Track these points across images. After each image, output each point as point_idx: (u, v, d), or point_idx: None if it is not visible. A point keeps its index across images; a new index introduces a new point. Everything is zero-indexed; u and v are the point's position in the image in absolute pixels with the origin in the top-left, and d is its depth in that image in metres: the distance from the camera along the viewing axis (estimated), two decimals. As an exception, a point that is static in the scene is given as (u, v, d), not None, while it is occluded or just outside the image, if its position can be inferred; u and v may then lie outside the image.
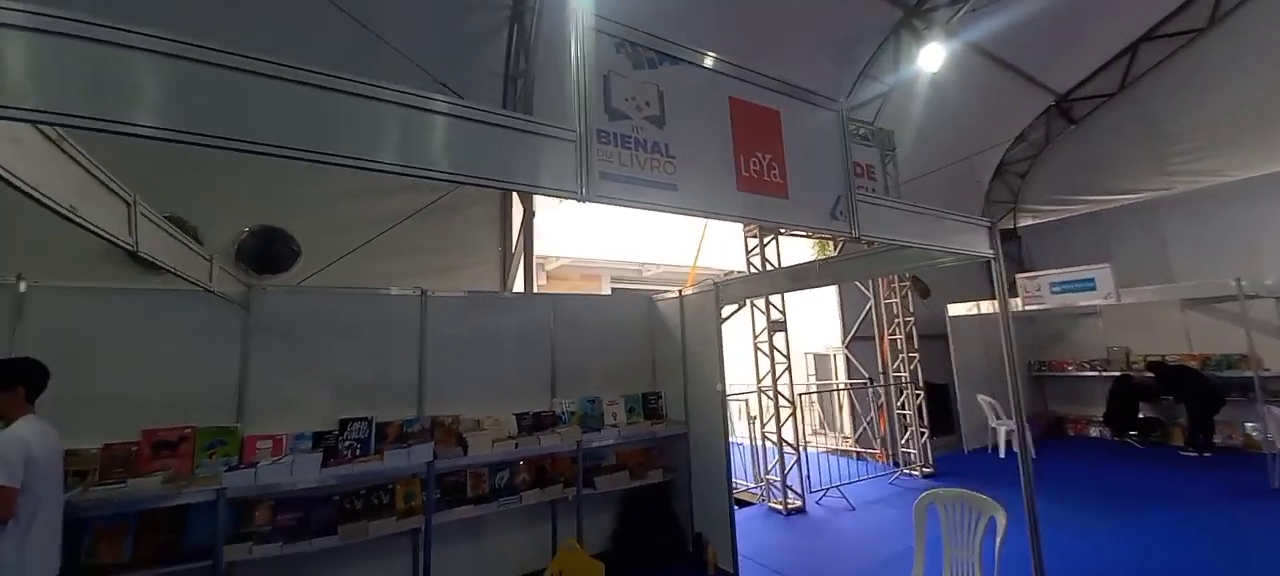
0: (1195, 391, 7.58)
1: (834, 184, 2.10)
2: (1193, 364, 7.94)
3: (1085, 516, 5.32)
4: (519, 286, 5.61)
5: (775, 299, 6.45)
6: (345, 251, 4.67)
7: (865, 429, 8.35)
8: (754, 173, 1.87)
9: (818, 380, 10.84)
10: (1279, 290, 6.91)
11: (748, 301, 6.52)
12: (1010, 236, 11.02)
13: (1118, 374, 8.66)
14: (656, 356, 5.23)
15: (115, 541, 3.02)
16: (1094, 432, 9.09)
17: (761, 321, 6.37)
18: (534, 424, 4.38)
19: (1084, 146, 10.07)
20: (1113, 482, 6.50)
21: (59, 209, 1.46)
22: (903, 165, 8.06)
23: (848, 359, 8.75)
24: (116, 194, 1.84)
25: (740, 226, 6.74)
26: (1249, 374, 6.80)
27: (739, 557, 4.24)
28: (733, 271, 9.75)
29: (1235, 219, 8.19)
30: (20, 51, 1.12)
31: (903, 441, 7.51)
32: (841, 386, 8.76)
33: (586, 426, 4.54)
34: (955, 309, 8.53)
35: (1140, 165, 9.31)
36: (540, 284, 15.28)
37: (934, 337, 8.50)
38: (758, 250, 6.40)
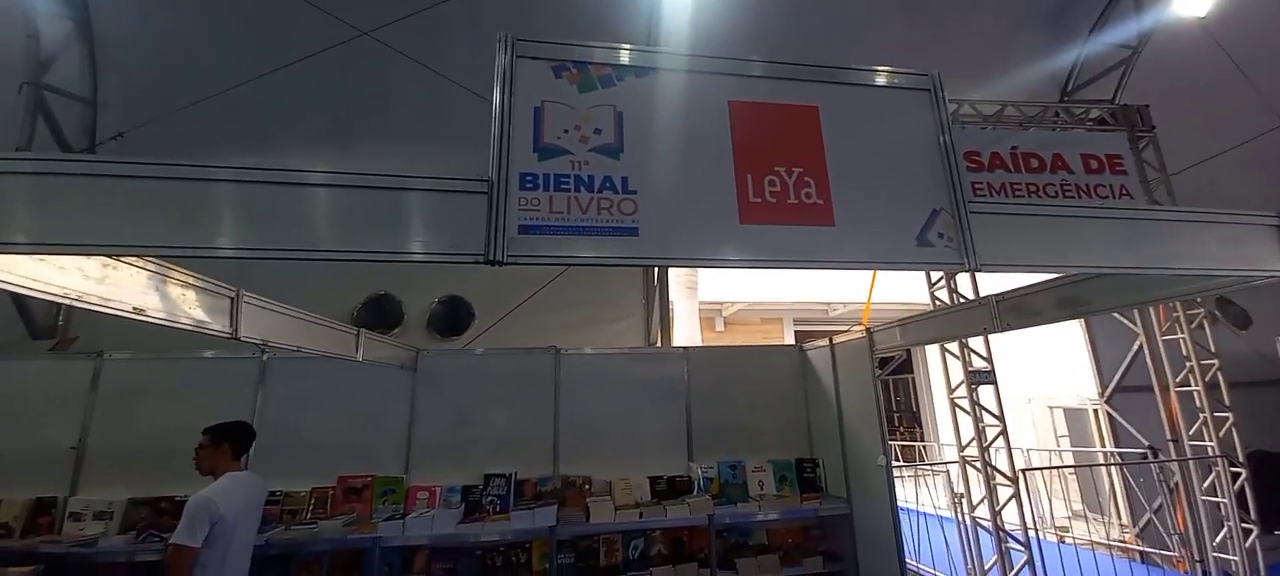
0: None
1: (925, 193, 1.46)
2: None
3: None
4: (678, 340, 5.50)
5: (978, 341, 5.12)
6: (503, 313, 5.13)
7: (1151, 520, 5.98)
8: (771, 197, 1.37)
9: (1073, 445, 8.35)
10: None
11: (942, 348, 5.34)
12: None
13: None
14: (812, 415, 4.53)
15: (313, 575, 3.63)
16: None
17: (957, 372, 5.10)
18: (668, 489, 4.11)
19: None
20: None
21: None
22: (1182, 147, 5.94)
23: (1112, 418, 6.50)
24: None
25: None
26: None
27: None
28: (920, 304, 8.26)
29: None
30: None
31: (1215, 541, 5.16)
32: (1103, 460, 6.53)
33: (726, 495, 4.08)
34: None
35: None
36: (717, 332, 15.12)
37: (1261, 385, 5.84)
38: (944, 283, 5.22)
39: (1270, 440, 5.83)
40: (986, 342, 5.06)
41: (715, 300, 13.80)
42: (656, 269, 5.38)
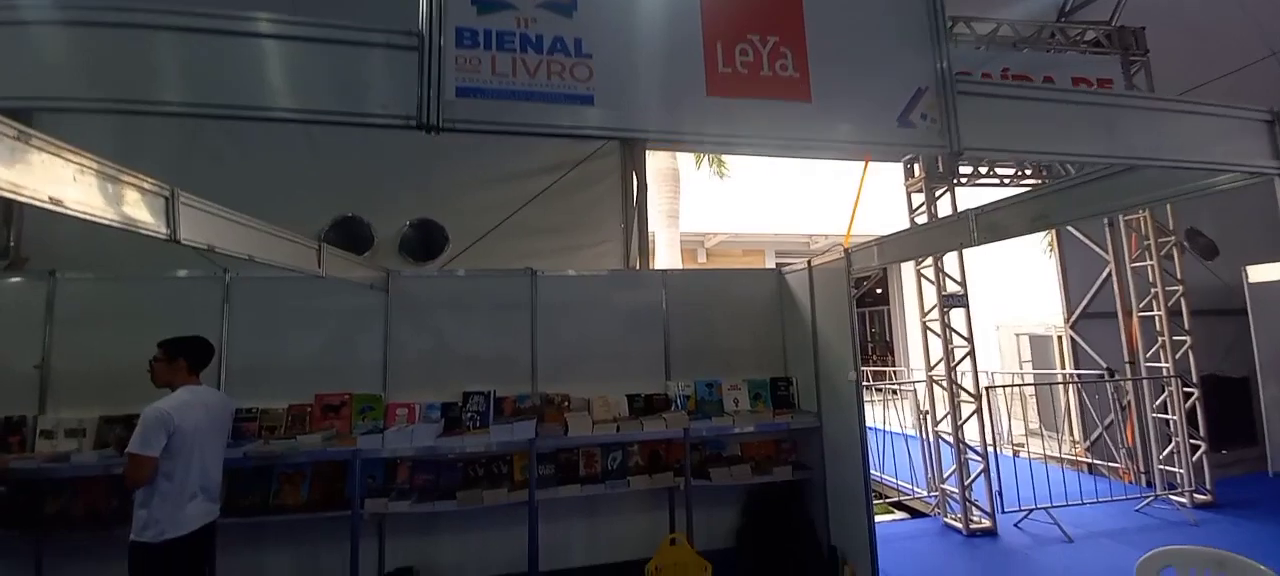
0: None
1: (910, 69, 1.34)
2: None
3: None
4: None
5: (954, 267, 5.19)
6: (478, 237, 5.01)
7: (1103, 435, 6.35)
8: (743, 67, 1.25)
9: (1035, 369, 8.71)
10: None
11: (917, 271, 5.39)
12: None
13: None
14: (787, 337, 4.59)
15: (295, 486, 3.68)
16: None
17: (931, 296, 5.19)
18: (646, 407, 4.19)
19: None
20: None
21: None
22: (1172, 74, 5.85)
23: (1074, 343, 6.74)
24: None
25: (901, 177, 5.57)
26: None
27: (880, 579, 3.50)
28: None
29: None
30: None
31: (1161, 456, 5.51)
32: (1063, 378, 6.83)
33: (703, 412, 4.19)
34: (1259, 272, 5.91)
35: None
36: (699, 264, 15.13)
37: (1222, 314, 6.07)
38: (925, 208, 5.20)
39: (1224, 366, 6.13)
40: (961, 267, 5.12)
41: (697, 232, 13.75)
42: (635, 191, 5.25)
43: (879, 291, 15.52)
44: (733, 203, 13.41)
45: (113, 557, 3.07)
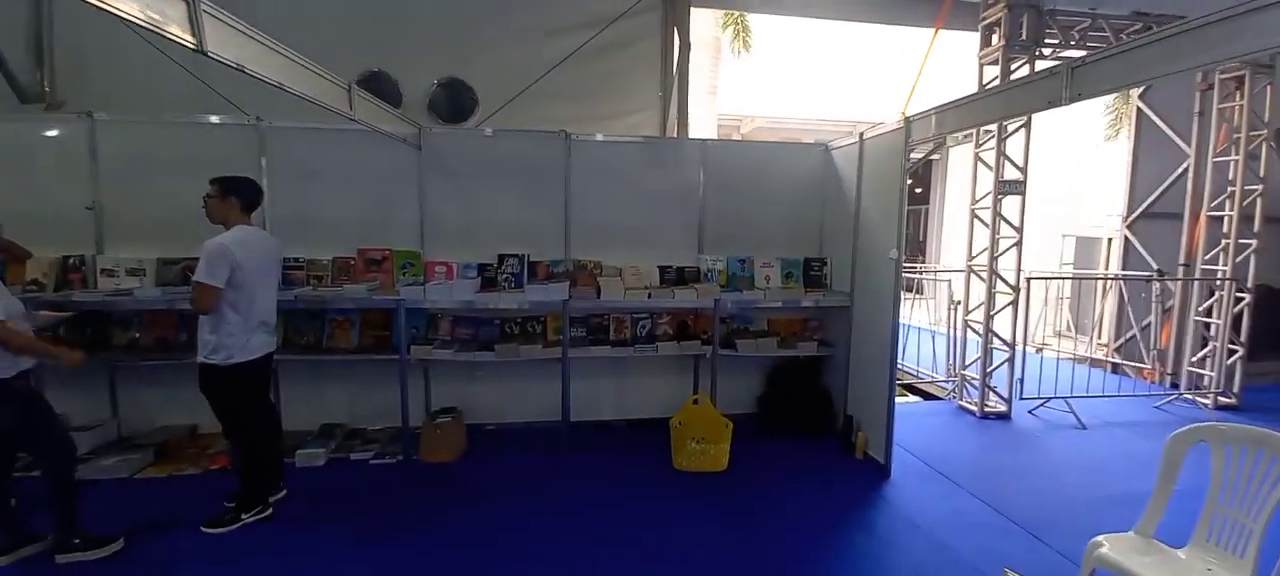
0: None
1: None
2: None
3: None
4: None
5: (1017, 151, 4.82)
6: (508, 99, 4.80)
7: (1135, 336, 6.25)
8: None
9: (1075, 270, 8.44)
10: None
11: (975, 154, 5.04)
12: None
13: None
14: (826, 217, 4.45)
15: (346, 331, 3.91)
16: None
17: (986, 183, 4.89)
18: (677, 278, 4.22)
19: None
20: None
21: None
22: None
23: (1128, 243, 6.42)
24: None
25: (976, 57, 5.02)
26: None
27: (894, 449, 3.67)
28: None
29: None
30: None
31: (1194, 358, 5.44)
32: (1109, 276, 6.60)
33: (734, 287, 4.21)
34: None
35: None
36: (734, 144, 14.44)
37: (1300, 220, 5.63)
38: (999, 83, 4.73)
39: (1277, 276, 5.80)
40: (1027, 148, 4.76)
41: (734, 115, 12.97)
42: (677, 51, 4.87)
43: (918, 191, 14.82)
44: (773, 85, 12.50)
45: (182, 382, 3.41)
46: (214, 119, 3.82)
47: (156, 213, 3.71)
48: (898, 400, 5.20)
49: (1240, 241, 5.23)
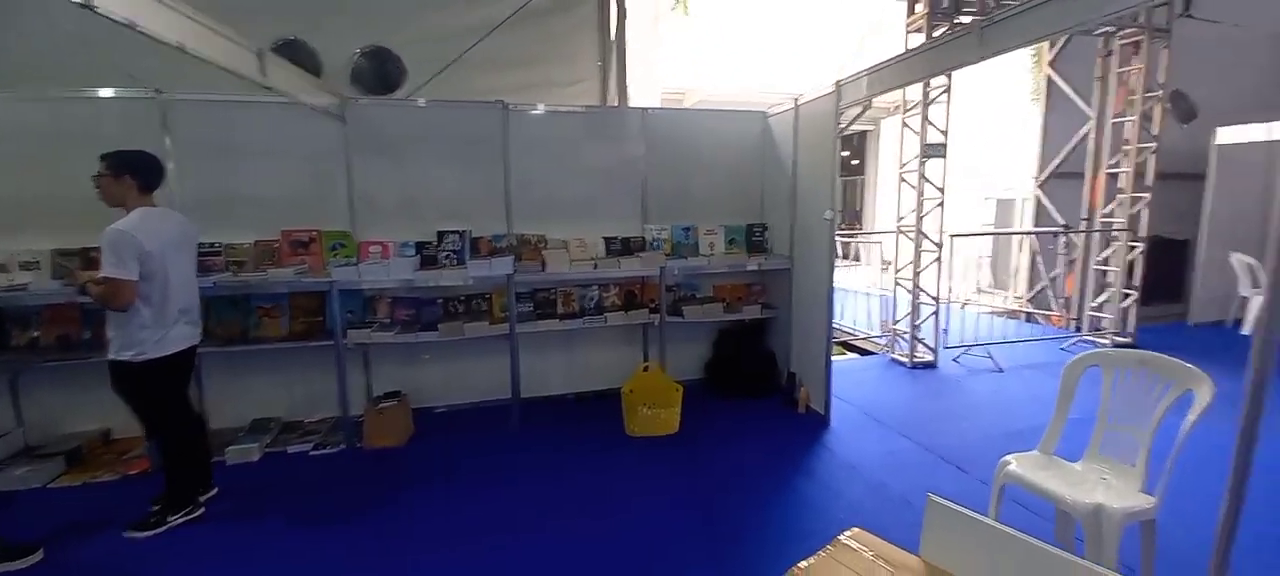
0: None
1: None
2: None
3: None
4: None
5: (940, 116, 5.08)
6: (440, 68, 4.59)
7: (1046, 287, 6.81)
8: None
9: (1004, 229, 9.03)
10: None
11: (903, 121, 5.28)
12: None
13: None
14: (767, 183, 4.57)
15: (274, 319, 3.70)
16: None
17: (913, 149, 5.14)
18: (623, 248, 4.23)
19: None
20: None
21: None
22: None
23: (1039, 202, 6.93)
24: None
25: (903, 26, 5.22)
26: None
27: (832, 401, 3.88)
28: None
29: None
30: None
31: (1094, 304, 5.99)
32: (1021, 232, 7.12)
33: (678, 254, 4.27)
34: (1227, 133, 6.01)
35: None
36: (678, 117, 14.48)
37: (1182, 177, 6.24)
38: (920, 21, 4.96)
39: (1169, 228, 6.43)
40: (948, 116, 5.03)
41: (678, 89, 12.97)
42: (615, 24, 4.80)
43: (855, 162, 15.40)
44: (716, 58, 12.56)
45: (90, 383, 3.16)
46: (107, 92, 3.46)
47: (45, 195, 3.35)
48: (837, 357, 5.51)
49: (1135, 195, 5.76)
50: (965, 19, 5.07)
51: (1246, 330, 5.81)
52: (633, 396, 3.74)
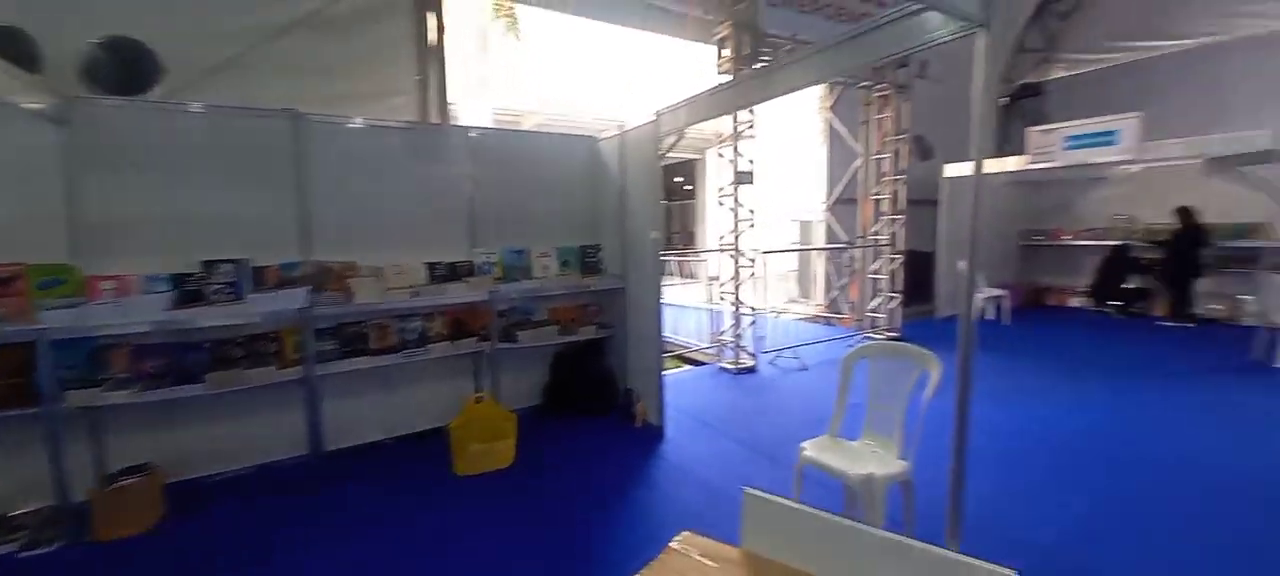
0: (1179, 253, 7.15)
1: None
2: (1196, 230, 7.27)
3: (1042, 379, 5.11)
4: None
5: (750, 149, 5.72)
6: (212, 67, 3.89)
7: (837, 294, 8.01)
8: None
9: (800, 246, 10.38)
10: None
11: (719, 152, 5.82)
12: (1033, 90, 9.87)
13: (1117, 243, 8.15)
14: (598, 205, 4.65)
15: (-58, 384, 2.70)
16: (1074, 303, 8.79)
17: (729, 175, 5.70)
18: (449, 274, 3.94)
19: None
20: (1077, 350, 6.27)
21: None
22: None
23: (829, 223, 8.17)
24: None
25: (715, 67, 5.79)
26: (1260, 243, 6.29)
27: (667, 411, 4.04)
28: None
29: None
30: None
31: (872, 306, 7.20)
32: (814, 249, 8.31)
33: (511, 278, 4.11)
34: (952, 169, 7.74)
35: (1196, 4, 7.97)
36: (515, 141, 14.25)
37: (926, 203, 7.83)
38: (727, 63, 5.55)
39: (920, 243, 7.99)
40: (754, 148, 5.67)
41: (512, 110, 12.82)
42: (434, 33, 4.54)
43: (688, 187, 16.71)
44: (553, 84, 12.70)
45: None
46: None
47: None
48: (672, 370, 5.79)
49: (893, 217, 7.09)
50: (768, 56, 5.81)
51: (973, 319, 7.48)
52: (462, 432, 3.46)
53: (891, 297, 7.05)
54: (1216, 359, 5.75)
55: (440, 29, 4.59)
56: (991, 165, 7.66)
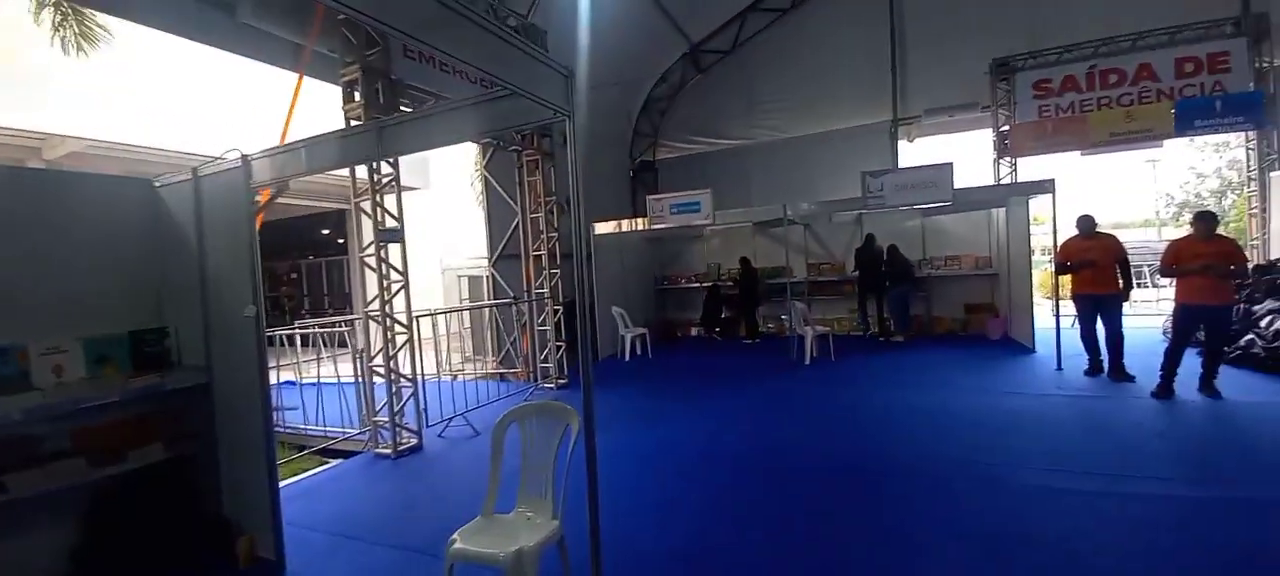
0: (745, 289, 9.96)
1: None
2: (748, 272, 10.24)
3: (675, 402, 6.18)
4: None
5: (401, 203, 5.20)
6: None
7: (509, 349, 8.09)
8: None
9: (470, 301, 10.17)
10: (808, 218, 9.44)
11: (356, 207, 5.12)
12: (649, 167, 12.31)
13: (711, 284, 10.73)
14: (167, 273, 3.41)
15: None
16: (693, 332, 11.18)
17: (369, 234, 5.07)
18: None
19: (706, 94, 11.79)
20: (695, 371, 7.93)
21: None
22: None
23: (495, 278, 8.24)
24: None
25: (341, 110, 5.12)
26: (785, 280, 9.23)
27: (289, 534, 3.14)
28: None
29: (799, 161, 10.90)
30: None
31: (542, 357, 7.51)
32: (481, 306, 8.27)
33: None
34: (599, 227, 8.88)
35: (739, 118, 11.48)
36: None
37: (567, 257, 8.71)
38: (357, 109, 4.98)
39: (574, 294, 8.81)
40: (399, 202, 5.20)
41: (36, 131, 8.68)
42: None
43: (340, 241, 14.57)
44: (111, 101, 9.24)
45: None
46: None
47: None
48: (307, 474, 4.69)
49: (551, 271, 7.61)
50: (408, 107, 5.47)
51: (628, 358, 8.64)
52: None
53: (558, 347, 7.50)
54: (772, 364, 8.05)
55: None
56: (604, 227, 9.14)
